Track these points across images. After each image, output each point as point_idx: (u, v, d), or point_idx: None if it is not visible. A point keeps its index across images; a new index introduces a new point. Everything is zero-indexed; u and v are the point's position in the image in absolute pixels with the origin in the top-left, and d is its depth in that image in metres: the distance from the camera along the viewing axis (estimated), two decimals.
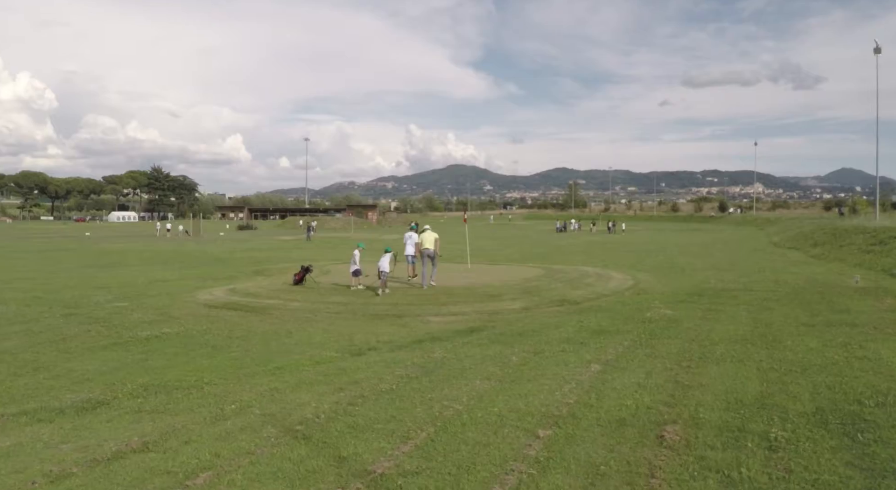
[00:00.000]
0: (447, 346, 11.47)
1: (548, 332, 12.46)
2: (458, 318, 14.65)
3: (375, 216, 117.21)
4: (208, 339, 12.97)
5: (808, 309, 15.02)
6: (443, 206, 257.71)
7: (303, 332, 13.53)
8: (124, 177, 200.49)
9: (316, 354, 11.32)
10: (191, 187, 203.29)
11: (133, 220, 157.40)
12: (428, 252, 19.81)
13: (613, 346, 10.85)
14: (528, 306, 15.84)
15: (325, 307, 15.91)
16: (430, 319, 14.57)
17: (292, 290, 18.24)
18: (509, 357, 10.14)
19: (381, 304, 16.07)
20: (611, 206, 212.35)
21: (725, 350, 10.25)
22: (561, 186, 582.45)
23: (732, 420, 6.78)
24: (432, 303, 16.25)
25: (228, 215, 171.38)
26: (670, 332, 12.09)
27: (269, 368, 10.33)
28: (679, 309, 15.19)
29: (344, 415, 7.39)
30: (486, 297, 16.84)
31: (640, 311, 15.02)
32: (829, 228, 40.61)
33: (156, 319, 15.11)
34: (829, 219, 59.10)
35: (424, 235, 20.18)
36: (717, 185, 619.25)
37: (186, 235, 73.13)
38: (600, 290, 18.53)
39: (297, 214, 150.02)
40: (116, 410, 8.21)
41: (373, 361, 10.43)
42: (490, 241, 53.69)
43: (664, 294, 17.95)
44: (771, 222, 78.83)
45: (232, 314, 15.65)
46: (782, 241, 45.43)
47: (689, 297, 17.19)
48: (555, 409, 7.29)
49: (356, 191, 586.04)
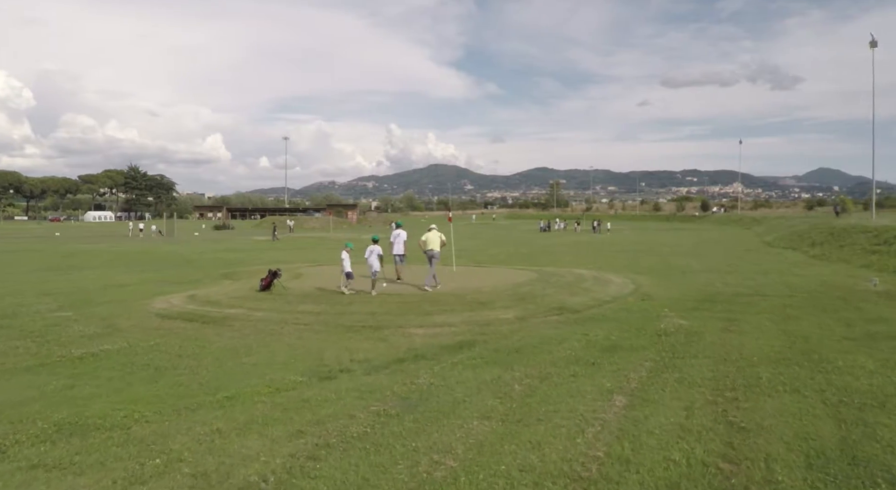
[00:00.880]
0: (434, 367, 9.66)
1: (551, 349, 10.69)
2: (446, 330, 12.83)
3: (355, 216, 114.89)
4: (153, 358, 11.03)
5: (838, 318, 13.38)
6: (423, 206, 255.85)
7: (265, 348, 11.64)
8: (101, 176, 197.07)
9: (277, 378, 9.45)
10: (168, 187, 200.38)
11: (109, 219, 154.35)
12: (432, 253, 18.12)
13: (633, 367, 9.09)
14: (524, 316, 14.05)
15: (293, 317, 14.00)
16: (414, 332, 12.74)
17: (258, 298, 16.29)
18: (510, 384, 8.35)
19: (357, 314, 14.20)
20: (593, 205, 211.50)
21: (771, 374, 8.53)
22: (541, 186, 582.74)
23: (825, 487, 5.04)
24: (415, 312, 14.41)
25: (207, 215, 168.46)
26: (694, 349, 10.36)
27: (218, 398, 8.44)
28: (693, 318, 13.49)
29: (300, 476, 5.56)
30: (475, 304, 15.02)
31: (651, 320, 13.31)
32: (825, 228, 39.25)
33: (98, 333, 13.13)
34: (824, 218, 57.88)
35: (429, 235, 18.55)
36: (696, 185, 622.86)
37: (160, 235, 70.67)
38: (600, 295, 16.79)
39: (276, 214, 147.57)
40: (8, 464, 6.30)
41: (344, 389, 8.58)
42: (474, 241, 51.90)
43: (671, 300, 16.25)
44: (757, 221, 77.70)
45: (186, 326, 13.69)
46: (775, 240, 44.06)
47: (701, 304, 15.51)
48: (580, 467, 5.51)
49: (337, 190, 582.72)
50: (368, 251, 17.25)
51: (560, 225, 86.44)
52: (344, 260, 16.68)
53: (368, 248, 17.31)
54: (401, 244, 19.52)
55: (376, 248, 17.30)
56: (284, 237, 61.27)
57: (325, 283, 19.02)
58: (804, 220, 53.29)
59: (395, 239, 19.59)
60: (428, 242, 18.21)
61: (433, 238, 18.35)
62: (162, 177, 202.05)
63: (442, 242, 18.54)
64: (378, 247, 17.41)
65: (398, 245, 19.48)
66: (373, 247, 17.29)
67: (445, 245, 19.07)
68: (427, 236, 18.38)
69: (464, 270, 21.51)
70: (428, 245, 18.20)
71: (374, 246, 17.31)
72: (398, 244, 19.45)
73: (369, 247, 17.37)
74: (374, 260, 17.09)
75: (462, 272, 21.09)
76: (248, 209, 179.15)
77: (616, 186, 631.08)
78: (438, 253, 18.38)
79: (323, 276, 20.75)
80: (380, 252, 17.36)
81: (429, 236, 18.39)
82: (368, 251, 17.25)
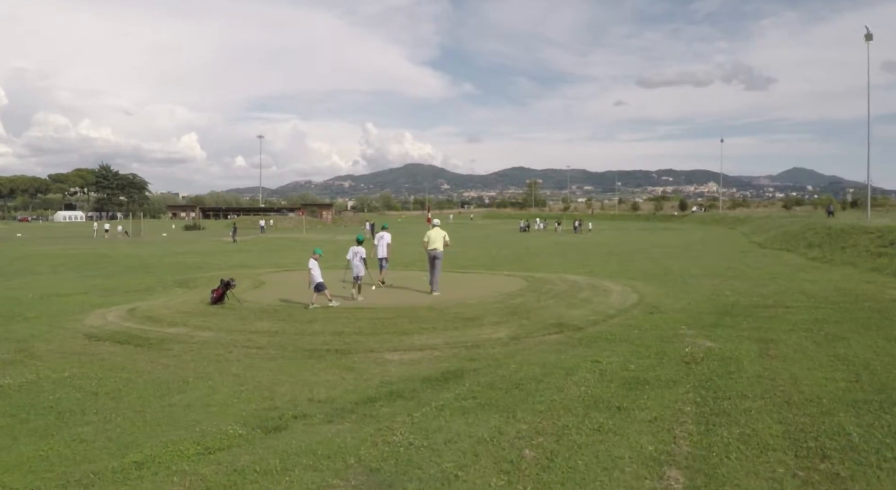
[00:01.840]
0: (413, 413, 7.49)
1: (559, 384, 8.57)
2: (427, 354, 10.67)
3: (330, 215, 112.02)
4: (61, 397, 8.75)
5: (887, 336, 11.40)
6: (400, 206, 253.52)
7: (204, 382, 9.39)
8: (71, 175, 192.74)
9: (210, 430, 7.24)
10: (140, 186, 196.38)
11: (80, 219, 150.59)
12: (435, 253, 16.70)
13: (672, 415, 7.00)
14: (518, 334, 11.93)
15: (245, 339, 11.75)
16: (388, 357, 10.56)
17: (207, 313, 13.99)
18: (517, 446, 6.20)
19: (321, 334, 11.97)
20: (571, 204, 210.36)
21: (859, 428, 6.47)
22: (518, 185, 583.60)
23: None
24: (390, 330, 12.22)
25: (180, 215, 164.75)
26: (739, 384, 8.29)
27: (123, 465, 6.22)
28: (719, 338, 11.47)
29: None
30: (460, 320, 12.89)
31: (670, 341, 11.26)
32: (820, 228, 37.62)
33: (5, 360, 10.80)
34: (815, 218, 56.51)
35: (432, 234, 16.98)
36: (672, 185, 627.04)
37: (126, 237, 67.68)
38: (602, 307, 14.72)
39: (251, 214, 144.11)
40: None
41: (294, 450, 6.39)
42: (453, 241, 49.77)
43: (684, 313, 14.24)
44: (741, 221, 76.37)
45: (115, 351, 11.37)
46: (766, 241, 42.41)
47: (720, 319, 13.49)
48: None
49: (313, 190, 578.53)
50: (352, 253, 16.09)
51: (540, 225, 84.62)
52: (312, 270, 14.47)
53: (351, 250, 16.18)
54: (384, 247, 18.46)
55: (360, 249, 16.16)
56: (256, 238, 58.71)
57: (289, 293, 16.82)
58: (794, 221, 51.81)
59: (379, 241, 18.51)
60: (431, 241, 16.82)
61: (436, 236, 16.91)
62: (134, 176, 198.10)
63: (446, 242, 17.06)
64: (362, 248, 16.26)
65: (381, 248, 18.43)
66: (356, 248, 16.13)
67: (449, 245, 17.56)
68: (430, 235, 16.93)
69: (446, 277, 19.37)
70: (431, 244, 16.79)
71: (357, 247, 16.16)
72: (381, 247, 18.44)
73: (352, 248, 16.22)
74: (359, 262, 15.97)
75: (444, 279, 18.93)
76: (223, 209, 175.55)
77: (592, 186, 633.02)
78: (442, 253, 16.90)
79: (288, 285, 18.54)
80: (363, 254, 16.02)
81: (431, 235, 16.93)
82: (352, 253, 16.09)
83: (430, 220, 21.20)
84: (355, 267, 16.12)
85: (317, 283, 14.27)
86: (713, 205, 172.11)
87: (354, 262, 16.13)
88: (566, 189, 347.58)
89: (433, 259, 16.78)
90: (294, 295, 16.27)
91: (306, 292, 14.88)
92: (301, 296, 15.51)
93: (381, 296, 16.52)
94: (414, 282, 19.55)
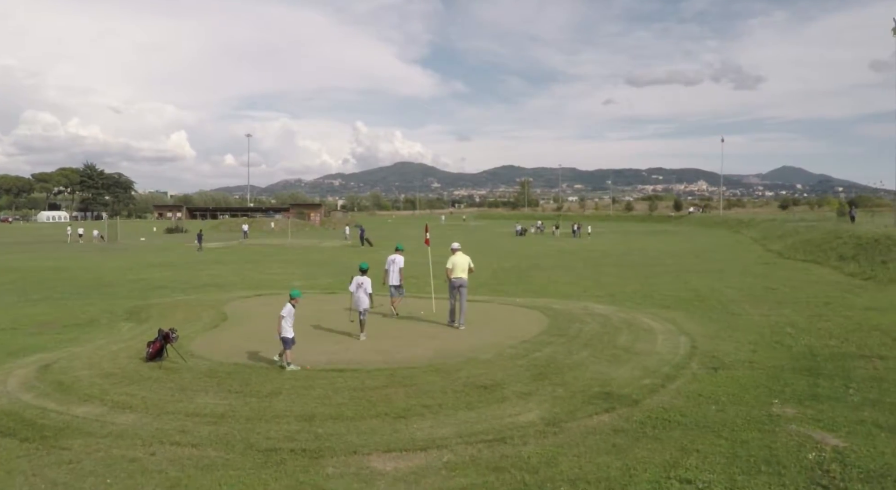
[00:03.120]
0: None
1: None
2: (433, 461, 7.44)
3: (319, 217, 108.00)
4: None
5: None
6: (390, 205, 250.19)
7: None
8: (55, 174, 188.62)
9: None
10: (126, 186, 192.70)
11: (64, 219, 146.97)
12: (460, 282, 14.62)
13: None
14: (555, 416, 8.69)
15: (176, 428, 8.42)
16: (376, 466, 7.32)
17: (137, 377, 10.57)
18: None
19: (283, 418, 8.66)
20: (563, 204, 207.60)
21: None
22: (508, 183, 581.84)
23: None
24: (381, 410, 8.93)
25: (166, 215, 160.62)
26: None
27: None
28: (835, 424, 8.29)
29: None
30: (474, 390, 9.63)
31: (769, 431, 8.08)
32: (848, 237, 34.52)
33: None
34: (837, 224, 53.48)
35: (456, 259, 14.89)
36: (662, 183, 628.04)
37: (101, 241, 64.03)
38: (652, 361, 11.49)
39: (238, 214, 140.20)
40: None
41: None
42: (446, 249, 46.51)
43: (757, 371, 11.04)
44: (745, 224, 73.35)
45: None
46: (786, 250, 39.30)
47: (812, 383, 10.30)
48: None
49: (303, 188, 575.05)
50: (355, 284, 13.60)
51: (539, 226, 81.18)
52: (284, 319, 11.09)
53: (354, 281, 13.66)
54: (396, 273, 16.09)
55: (365, 279, 13.58)
56: (236, 245, 55.23)
57: (254, 337, 13.51)
58: (806, 225, 48.70)
59: (390, 266, 16.13)
60: (455, 269, 14.74)
61: (461, 264, 14.86)
62: (119, 175, 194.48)
63: (471, 269, 15.10)
64: (366, 278, 13.65)
65: (393, 274, 16.09)
66: (360, 278, 13.61)
67: (474, 272, 15.15)
68: (454, 261, 14.85)
69: (446, 308, 16.17)
70: (455, 272, 14.70)
71: (361, 277, 13.63)
72: (393, 273, 16.10)
73: (355, 277, 13.71)
74: (362, 295, 13.41)
75: (445, 310, 15.73)
76: (210, 209, 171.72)
77: (583, 184, 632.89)
78: (467, 281, 14.88)
79: (255, 322, 15.26)
80: (368, 288, 13.56)
81: (456, 261, 14.85)
82: (355, 284, 13.60)
83: (427, 242, 17.82)
84: (358, 301, 13.46)
85: (283, 337, 10.97)
86: (708, 204, 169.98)
87: (358, 295, 13.45)
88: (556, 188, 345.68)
89: (458, 288, 14.62)
90: (260, 341, 12.98)
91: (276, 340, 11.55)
92: (269, 343, 12.24)
93: (376, 339, 13.28)
94: (417, 308, 16.39)
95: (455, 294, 14.92)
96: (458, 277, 14.82)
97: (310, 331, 14.14)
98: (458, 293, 14.85)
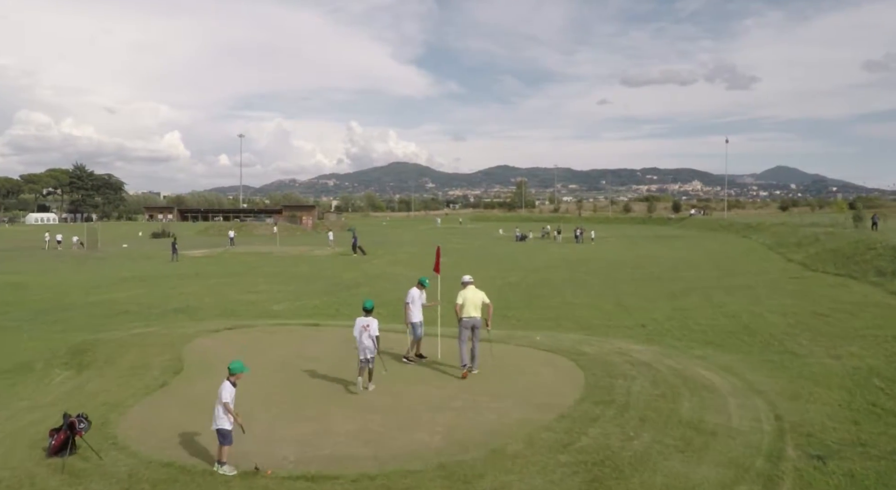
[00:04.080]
0: None
1: None
2: None
3: (311, 221, 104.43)
4: None
5: None
6: (385, 205, 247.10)
7: None
8: (44, 175, 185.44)
9: None
10: (116, 187, 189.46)
11: (53, 221, 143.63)
12: (472, 321, 12.28)
13: None
14: None
15: None
16: None
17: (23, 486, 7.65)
18: None
19: None
20: (559, 205, 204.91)
21: None
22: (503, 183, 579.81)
23: None
24: None
25: (157, 217, 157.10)
26: None
27: None
28: None
29: None
30: None
31: None
32: (882, 248, 31.61)
33: None
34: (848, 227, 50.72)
35: (467, 294, 12.47)
36: (657, 183, 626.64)
37: (81, 248, 60.85)
38: (736, 449, 8.54)
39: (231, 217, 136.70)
40: None
41: None
42: (443, 258, 43.53)
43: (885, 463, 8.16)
44: (753, 228, 70.40)
45: None
46: (810, 261, 36.41)
47: None
48: None
49: (297, 189, 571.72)
50: (358, 328, 11.34)
51: (546, 231, 77.62)
52: (220, 405, 8.12)
53: (358, 323, 11.38)
54: (418, 311, 13.32)
55: (371, 321, 11.30)
56: (222, 253, 52.16)
57: (203, 413, 10.32)
58: (828, 232, 45.72)
59: (412, 301, 13.25)
60: (466, 306, 12.36)
61: (474, 300, 12.43)
62: (110, 176, 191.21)
63: (486, 306, 12.58)
64: (372, 320, 11.36)
65: (416, 310, 13.26)
66: (365, 320, 11.35)
67: (491, 306, 12.82)
68: (465, 297, 12.43)
69: (449, 350, 13.22)
70: (467, 310, 12.34)
71: (366, 319, 11.36)
72: (416, 310, 13.26)
73: (358, 320, 11.44)
74: (367, 340, 11.16)
75: (450, 354, 12.82)
76: (201, 210, 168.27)
77: (578, 184, 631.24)
78: (481, 321, 12.44)
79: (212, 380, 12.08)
80: (374, 330, 11.24)
81: (468, 297, 12.43)
82: (358, 328, 11.34)
83: (438, 269, 14.60)
84: (363, 348, 11.16)
85: (217, 428, 8.00)
86: (708, 206, 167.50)
87: (362, 340, 11.20)
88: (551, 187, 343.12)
89: (470, 329, 12.34)
90: (210, 417, 9.97)
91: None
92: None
93: (365, 410, 10.34)
94: (392, 382, 13.42)
95: (467, 335, 12.38)
96: (470, 316, 12.34)
97: (279, 394, 11.13)
98: (470, 334, 12.36)
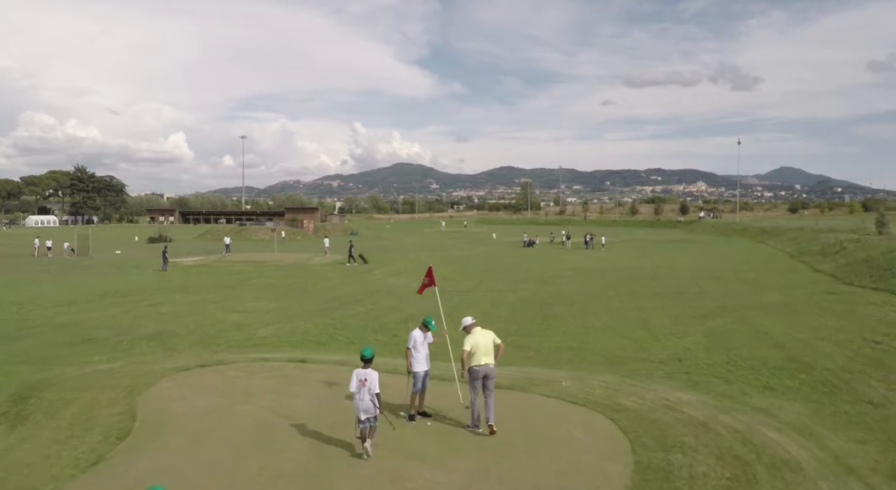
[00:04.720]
0: None
1: None
2: None
3: (312, 224, 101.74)
4: None
5: None
6: (389, 206, 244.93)
7: None
8: (44, 177, 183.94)
9: None
10: (118, 189, 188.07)
11: (54, 224, 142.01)
12: (485, 370, 10.05)
13: None
14: None
15: None
16: None
17: None
18: None
19: None
20: (565, 207, 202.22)
21: None
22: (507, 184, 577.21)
23: None
24: None
25: (158, 219, 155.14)
26: None
27: None
28: None
29: None
30: None
31: None
32: None
33: None
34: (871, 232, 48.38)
35: (476, 339, 10.21)
36: (661, 184, 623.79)
37: (71, 254, 58.59)
38: None
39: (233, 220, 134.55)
40: None
41: None
42: (448, 267, 41.23)
43: None
44: (768, 233, 67.77)
45: None
46: (841, 272, 33.95)
47: None
48: None
49: (301, 190, 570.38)
50: (355, 382, 9.23)
51: (555, 234, 74.54)
52: None
53: (355, 376, 9.29)
54: (423, 358, 10.74)
55: (371, 375, 9.22)
56: (216, 261, 49.83)
57: None
58: (854, 240, 43.20)
59: (415, 346, 10.65)
60: (477, 353, 10.11)
61: (484, 345, 10.19)
62: (111, 178, 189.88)
63: (497, 345, 10.35)
64: (371, 372, 9.25)
65: (420, 358, 10.67)
66: (363, 372, 9.28)
67: (502, 348, 10.56)
68: (473, 342, 10.19)
69: (449, 401, 10.84)
70: (477, 358, 10.10)
71: (364, 371, 9.29)
72: (420, 356, 10.67)
73: (356, 372, 9.34)
74: (366, 397, 9.09)
75: (457, 402, 10.43)
76: (203, 212, 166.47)
77: (582, 185, 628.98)
78: (495, 368, 10.24)
79: (167, 453, 9.74)
80: (374, 386, 9.13)
81: (476, 342, 10.18)
82: (355, 382, 9.23)
83: (433, 282, 12.26)
84: (361, 407, 9.08)
85: None
86: (715, 208, 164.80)
87: (361, 397, 9.12)
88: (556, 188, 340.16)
89: (482, 379, 10.10)
90: None
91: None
92: None
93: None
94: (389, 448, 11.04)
95: (478, 386, 10.09)
96: (481, 365, 10.08)
97: (245, 475, 8.76)
98: (482, 385, 10.07)
